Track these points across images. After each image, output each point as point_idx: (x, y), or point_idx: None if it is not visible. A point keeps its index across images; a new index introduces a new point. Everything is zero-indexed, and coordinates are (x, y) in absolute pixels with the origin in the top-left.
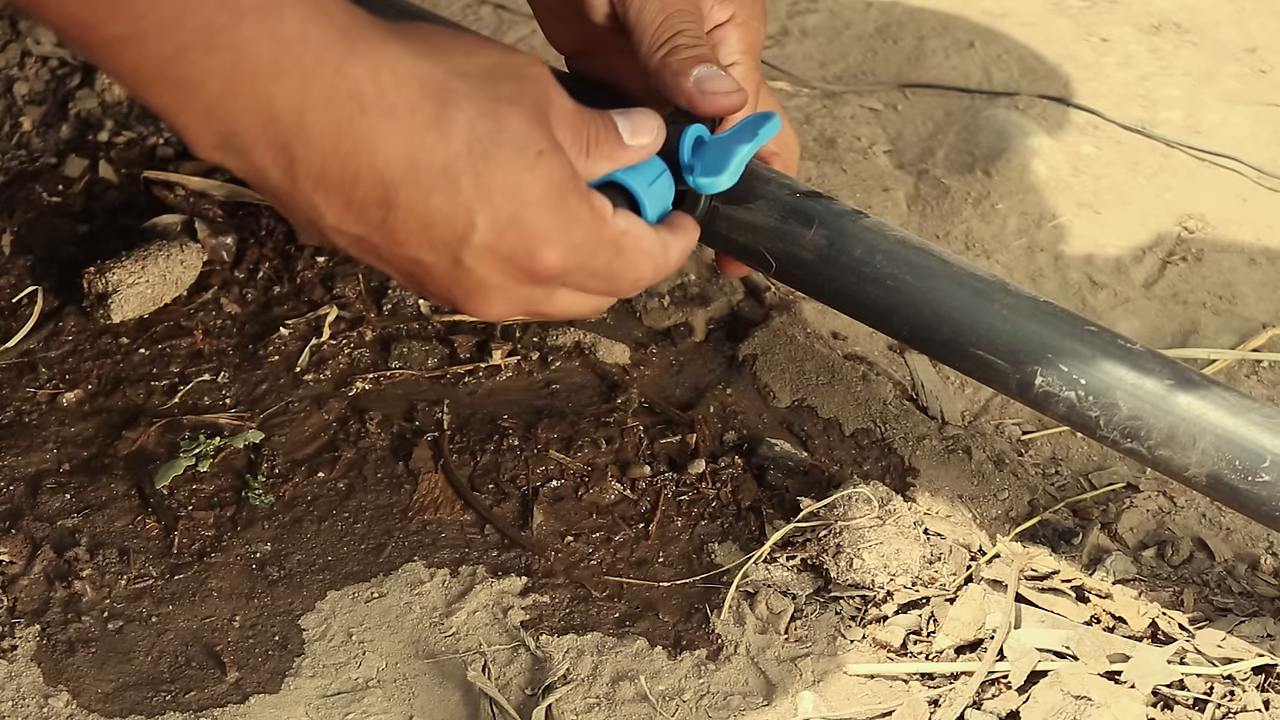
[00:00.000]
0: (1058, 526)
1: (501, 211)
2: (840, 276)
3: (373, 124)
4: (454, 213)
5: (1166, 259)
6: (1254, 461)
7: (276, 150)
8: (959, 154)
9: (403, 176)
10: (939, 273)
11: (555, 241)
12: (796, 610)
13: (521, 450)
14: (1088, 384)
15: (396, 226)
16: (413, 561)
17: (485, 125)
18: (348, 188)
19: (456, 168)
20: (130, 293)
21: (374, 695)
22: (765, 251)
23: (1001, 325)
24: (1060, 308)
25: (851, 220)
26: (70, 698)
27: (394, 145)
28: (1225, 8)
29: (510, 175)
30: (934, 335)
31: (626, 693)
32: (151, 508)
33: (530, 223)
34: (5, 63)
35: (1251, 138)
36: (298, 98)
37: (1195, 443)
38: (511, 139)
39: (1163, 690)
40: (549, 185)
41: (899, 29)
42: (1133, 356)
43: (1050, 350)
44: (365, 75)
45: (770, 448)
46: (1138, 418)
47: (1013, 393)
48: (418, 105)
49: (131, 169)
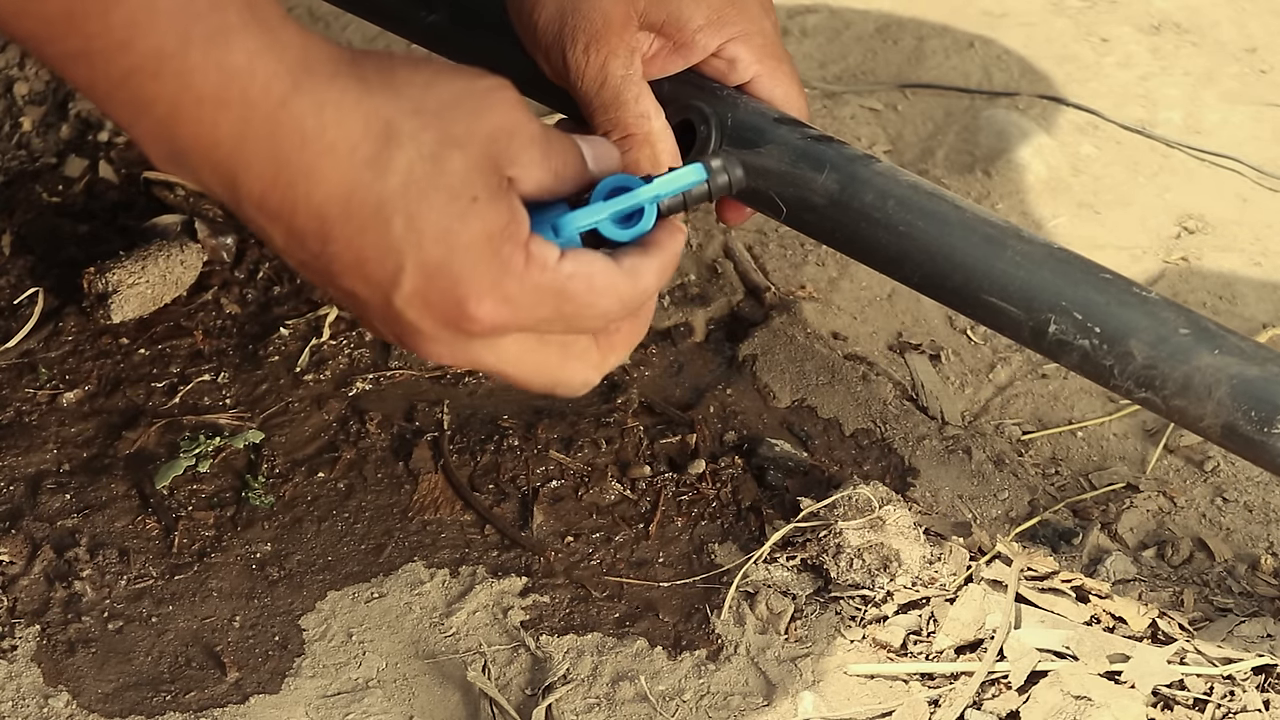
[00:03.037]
0: (1058, 526)
1: (430, 256)
2: (851, 222)
3: (312, 159)
4: (385, 253)
5: (1166, 259)
6: (1270, 412)
7: (220, 174)
8: (959, 154)
9: (338, 213)
10: (952, 219)
11: (485, 294)
12: (796, 610)
13: (521, 450)
14: (1102, 332)
15: (332, 259)
16: (413, 562)
17: (424, 168)
18: (287, 217)
19: (390, 207)
20: (130, 293)
21: (374, 695)
22: (775, 196)
23: (1015, 272)
24: (1075, 254)
25: (863, 165)
26: (70, 698)
27: (331, 181)
28: (1225, 8)
29: (442, 220)
30: (946, 282)
31: (626, 693)
32: (151, 508)
33: (459, 271)
34: (5, 63)
35: (1251, 138)
36: (240, 128)
37: (1211, 393)
38: (448, 183)
39: (1163, 690)
40: (481, 233)
41: (899, 29)
42: (1148, 305)
43: (1064, 298)
44: (309, 111)
45: (770, 448)
46: (1152, 366)
47: (1026, 340)
48: (358, 144)
49: (131, 169)
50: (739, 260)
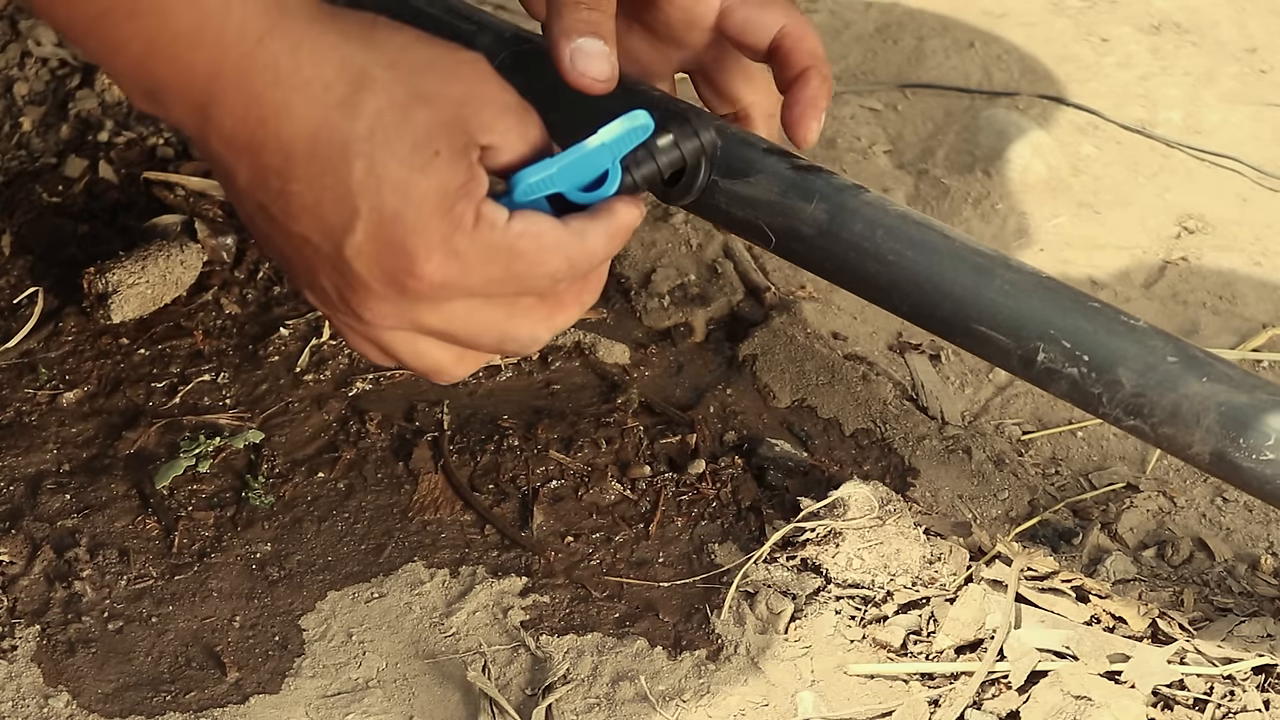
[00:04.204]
0: (1058, 526)
1: (386, 204)
2: (840, 252)
3: (285, 96)
4: (342, 197)
5: (1166, 259)
6: (1259, 439)
7: (192, 109)
8: (959, 154)
9: (304, 150)
10: (940, 248)
11: (435, 248)
12: (796, 610)
13: (521, 450)
14: (1090, 360)
15: (291, 199)
16: (413, 562)
17: (392, 116)
18: (253, 152)
19: (353, 150)
20: (130, 293)
21: (374, 695)
22: (765, 226)
23: (1003, 301)
24: (1063, 283)
25: (852, 195)
26: (70, 698)
27: (301, 119)
28: (1225, 8)
29: (401, 170)
30: (935, 311)
31: (626, 693)
32: (151, 508)
33: (411, 222)
34: (5, 63)
35: (1251, 138)
36: (214, 66)
37: (1199, 420)
38: (413, 135)
39: (1163, 690)
40: (438, 187)
41: (899, 29)
42: (1136, 333)
43: (1053, 326)
44: (284, 51)
45: (770, 448)
46: (1141, 394)
47: (1015, 369)
48: (332, 84)
49: (131, 169)
50: (739, 260)
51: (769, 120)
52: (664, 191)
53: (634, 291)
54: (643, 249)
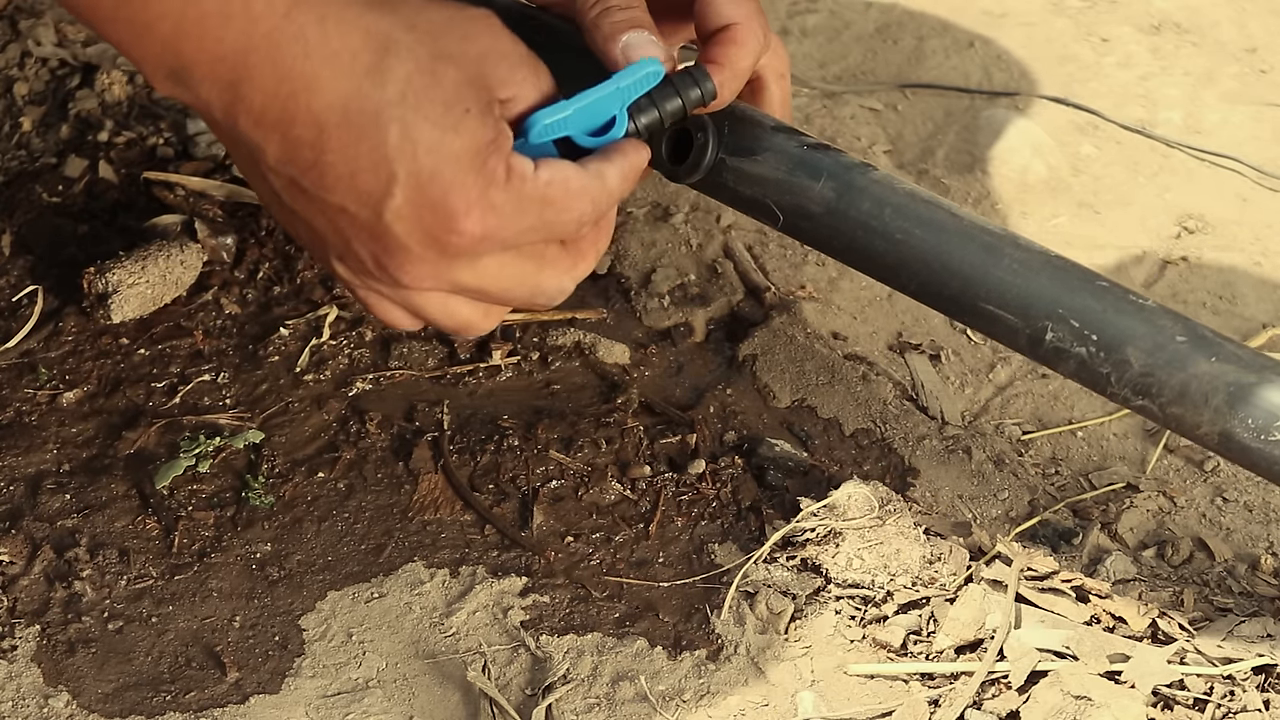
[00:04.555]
0: (1058, 526)
1: (423, 166)
2: (848, 230)
3: (315, 69)
4: (379, 163)
5: (1166, 259)
6: (1267, 419)
7: (222, 87)
8: (959, 154)
9: (336, 121)
10: (948, 226)
11: (474, 204)
12: (796, 610)
13: (521, 450)
14: (1099, 339)
15: (326, 170)
16: (413, 562)
17: (421, 79)
18: (285, 127)
19: (386, 115)
20: (130, 293)
21: (374, 695)
22: (772, 204)
23: (1011, 279)
24: (1071, 262)
25: (860, 173)
26: (70, 698)
27: (331, 90)
28: (1225, 8)
29: (435, 131)
30: (943, 290)
31: (626, 693)
32: (151, 508)
33: (450, 181)
34: (5, 63)
35: (1251, 138)
36: (244, 41)
37: (1208, 400)
38: (443, 95)
39: (1163, 690)
40: (471, 144)
41: (899, 29)
42: (1145, 312)
43: (1061, 305)
44: (311, 23)
45: (770, 448)
46: (1149, 374)
47: (1023, 348)
48: (359, 52)
49: (131, 169)
50: (739, 260)
51: (780, 80)
52: (672, 170)
53: (634, 291)
54: (643, 249)
